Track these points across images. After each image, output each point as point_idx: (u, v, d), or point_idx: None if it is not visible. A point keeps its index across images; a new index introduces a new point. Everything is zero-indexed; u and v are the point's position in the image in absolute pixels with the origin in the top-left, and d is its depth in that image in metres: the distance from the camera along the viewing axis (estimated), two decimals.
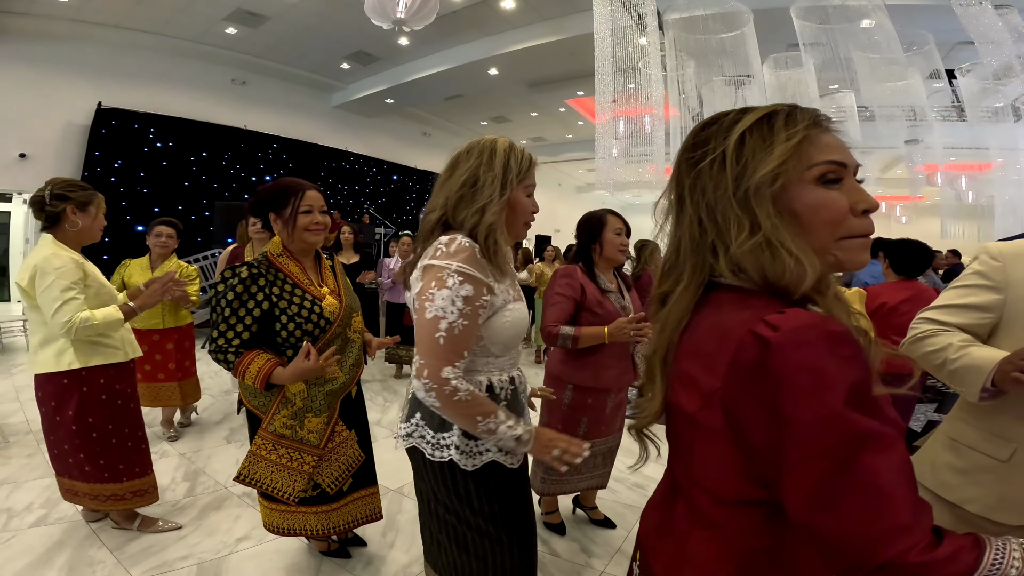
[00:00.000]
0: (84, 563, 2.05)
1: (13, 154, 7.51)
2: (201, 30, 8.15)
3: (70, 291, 1.98)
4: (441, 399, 1.10)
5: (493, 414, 1.13)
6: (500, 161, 1.21)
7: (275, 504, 1.88)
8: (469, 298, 1.12)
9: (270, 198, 1.84)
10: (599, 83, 5.93)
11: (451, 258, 1.12)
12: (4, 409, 3.81)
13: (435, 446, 1.22)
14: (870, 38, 5.55)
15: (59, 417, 2.10)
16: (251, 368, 1.68)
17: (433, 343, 1.10)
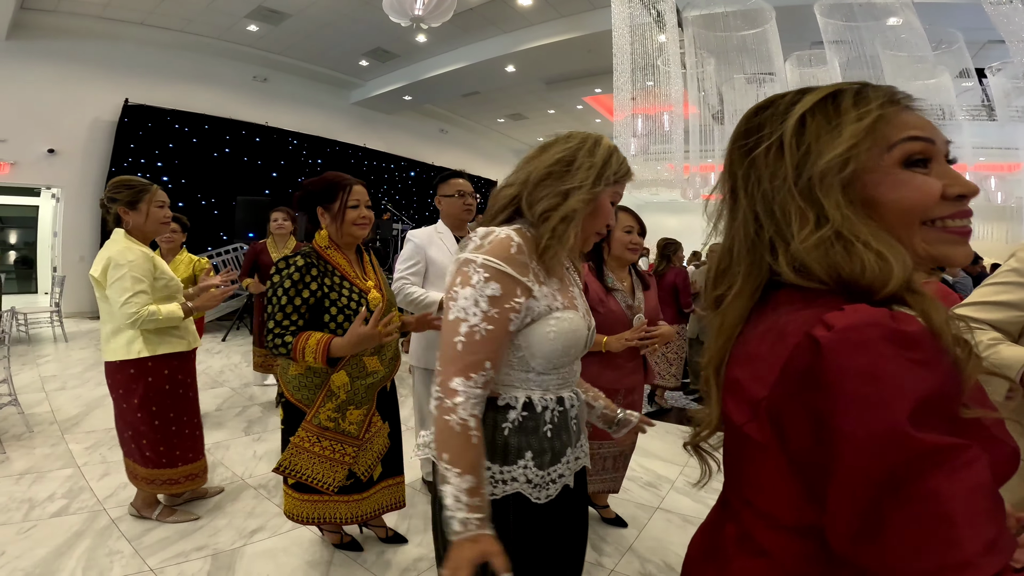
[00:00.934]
0: (103, 553, 2.10)
1: (42, 150, 7.71)
2: (224, 27, 8.27)
3: (139, 284, 2.11)
4: (438, 410, 0.94)
5: (463, 468, 0.91)
6: (603, 153, 1.06)
7: (307, 495, 1.91)
8: (496, 299, 0.94)
9: (318, 192, 1.88)
10: (617, 80, 5.88)
11: (480, 250, 0.97)
12: (29, 399, 3.91)
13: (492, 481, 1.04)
14: (897, 36, 5.42)
15: (126, 404, 2.22)
16: (309, 343, 1.70)
17: (451, 348, 0.95)
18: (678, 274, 4.41)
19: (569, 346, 1.04)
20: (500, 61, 8.81)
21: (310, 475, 1.85)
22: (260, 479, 2.85)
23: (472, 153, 14.66)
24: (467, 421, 0.93)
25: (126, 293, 2.07)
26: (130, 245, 2.16)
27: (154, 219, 2.26)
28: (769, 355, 0.58)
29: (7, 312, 3.43)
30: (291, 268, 1.75)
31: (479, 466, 0.94)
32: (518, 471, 1.02)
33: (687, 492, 2.98)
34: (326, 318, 1.80)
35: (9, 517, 2.32)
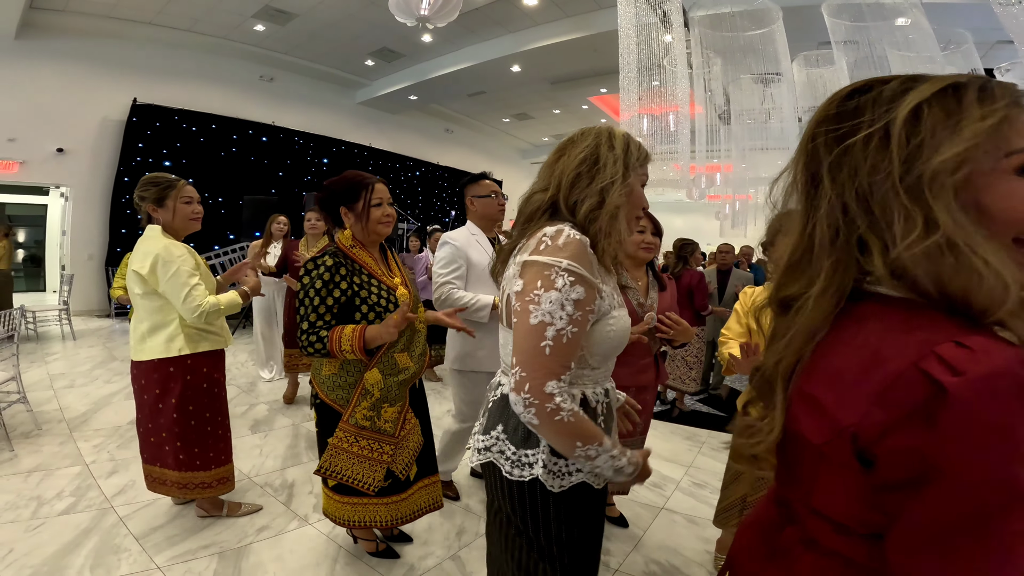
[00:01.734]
0: (110, 551, 2.11)
1: (51, 148, 7.76)
2: (231, 27, 8.31)
3: (194, 277, 2.10)
4: (542, 417, 0.95)
5: (597, 440, 0.98)
6: (621, 143, 1.09)
7: (347, 497, 1.91)
8: (580, 302, 0.97)
9: (341, 192, 1.88)
10: (623, 80, 5.86)
11: (559, 253, 0.97)
12: (38, 397, 3.94)
13: (515, 463, 1.08)
14: (906, 36, 5.37)
15: (162, 404, 2.18)
16: (345, 334, 1.72)
17: (538, 353, 0.95)
18: (693, 275, 4.33)
19: (622, 341, 1.11)
20: (506, 61, 8.80)
21: (350, 475, 1.86)
22: (266, 477, 2.86)
23: (478, 153, 14.67)
24: (574, 410, 0.97)
25: (185, 288, 2.06)
26: (172, 241, 2.14)
27: (182, 215, 2.22)
28: (860, 379, 0.54)
29: (16, 310, 3.45)
30: (320, 268, 1.76)
31: (601, 431, 1.02)
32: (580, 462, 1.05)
33: (692, 493, 2.98)
34: (357, 316, 1.81)
35: (18, 514, 2.34)
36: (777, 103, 7.12)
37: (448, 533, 2.41)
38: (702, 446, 3.73)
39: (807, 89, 6.93)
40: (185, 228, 2.26)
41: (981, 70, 5.78)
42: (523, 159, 16.42)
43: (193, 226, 2.28)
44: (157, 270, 2.06)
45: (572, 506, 1.09)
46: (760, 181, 8.50)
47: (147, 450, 2.28)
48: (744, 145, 7.81)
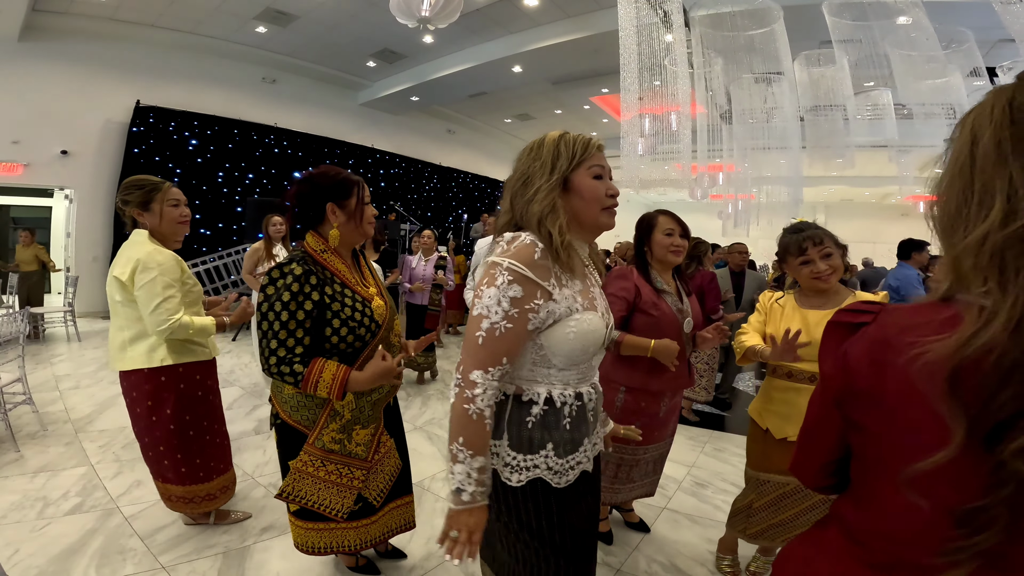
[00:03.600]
0: (115, 551, 2.13)
1: (55, 150, 7.80)
2: (233, 29, 8.33)
3: (170, 289, 1.99)
4: (456, 399, 1.05)
5: (474, 450, 1.03)
6: (548, 148, 1.15)
7: (311, 523, 1.77)
8: (516, 300, 1.03)
9: (329, 187, 1.67)
10: (624, 80, 5.86)
11: (506, 254, 1.07)
12: (44, 398, 3.97)
13: (513, 469, 1.14)
14: (907, 35, 5.37)
15: (155, 417, 2.09)
16: (324, 377, 1.54)
17: (472, 342, 1.05)
18: (705, 276, 4.20)
19: (588, 345, 1.13)
20: (507, 62, 8.80)
21: (315, 501, 1.70)
22: (270, 478, 2.88)
23: (479, 153, 14.68)
24: (483, 411, 1.04)
25: (157, 299, 1.95)
26: (157, 247, 2.05)
27: (169, 219, 2.13)
28: None
29: (21, 312, 3.47)
30: (288, 278, 1.54)
31: (488, 448, 1.07)
32: (540, 459, 1.12)
33: (694, 492, 2.98)
34: (328, 331, 1.60)
35: (24, 515, 2.36)
36: (779, 102, 7.11)
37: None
38: (704, 446, 3.74)
39: (809, 88, 6.92)
40: (173, 232, 2.16)
41: (983, 68, 5.77)
42: None
43: (181, 229, 2.19)
44: (136, 276, 1.97)
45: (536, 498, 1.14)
46: (762, 180, 8.50)
47: (150, 464, 2.22)
48: (746, 144, 7.82)
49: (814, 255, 1.85)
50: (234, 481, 2.38)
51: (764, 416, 1.96)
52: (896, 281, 4.04)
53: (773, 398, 1.94)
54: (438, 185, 13.41)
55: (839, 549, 0.69)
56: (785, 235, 1.97)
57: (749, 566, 2.23)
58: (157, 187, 2.12)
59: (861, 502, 0.69)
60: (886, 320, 0.64)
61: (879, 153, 8.65)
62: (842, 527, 0.71)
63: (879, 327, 0.64)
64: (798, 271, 1.91)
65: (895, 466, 0.59)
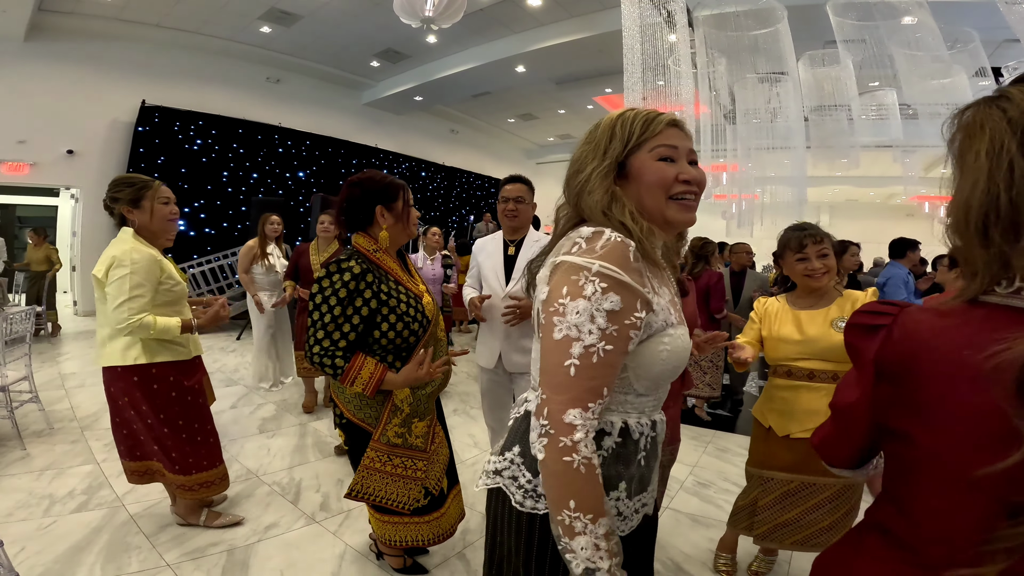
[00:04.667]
0: (121, 549, 2.15)
1: (61, 150, 7.85)
2: (237, 29, 8.36)
3: (139, 288, 1.98)
4: (551, 451, 0.78)
5: (595, 514, 0.77)
6: (603, 130, 0.96)
7: (388, 516, 1.83)
8: (615, 314, 0.80)
9: (379, 191, 1.75)
10: (628, 80, 5.86)
11: (592, 255, 0.82)
12: (50, 396, 4.00)
13: (528, 493, 0.92)
14: (912, 35, 5.35)
15: (134, 411, 2.12)
16: (362, 374, 1.61)
17: (561, 373, 0.80)
18: (711, 276, 4.12)
19: (678, 366, 0.94)
20: (510, 61, 8.81)
21: (384, 496, 1.76)
22: (274, 476, 2.89)
23: (483, 153, 14.69)
24: (591, 459, 0.78)
25: (121, 296, 1.95)
26: (137, 246, 2.04)
27: (160, 216, 2.13)
28: None
29: (28, 310, 3.50)
30: (346, 275, 1.59)
31: (605, 505, 0.80)
32: (609, 504, 0.89)
33: (696, 492, 2.98)
34: (384, 327, 1.66)
35: (30, 513, 2.38)
36: (783, 102, 7.10)
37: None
38: (707, 446, 3.74)
39: (814, 88, 6.90)
40: (163, 229, 2.16)
41: (988, 68, 5.74)
42: (528, 159, 16.43)
43: (171, 227, 2.19)
44: (110, 272, 1.99)
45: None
46: (766, 180, 8.48)
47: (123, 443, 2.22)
48: (750, 144, 7.80)
49: (811, 253, 1.89)
50: (222, 476, 2.33)
51: (766, 415, 1.99)
52: (883, 279, 4.05)
53: (774, 396, 1.97)
54: (442, 185, 13.43)
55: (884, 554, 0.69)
56: (786, 232, 2.01)
57: (751, 565, 2.23)
58: (148, 184, 2.13)
59: (903, 507, 0.68)
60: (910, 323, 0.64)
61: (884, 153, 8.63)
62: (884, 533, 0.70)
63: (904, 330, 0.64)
64: (793, 267, 1.95)
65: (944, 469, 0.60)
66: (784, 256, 1.99)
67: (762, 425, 2.02)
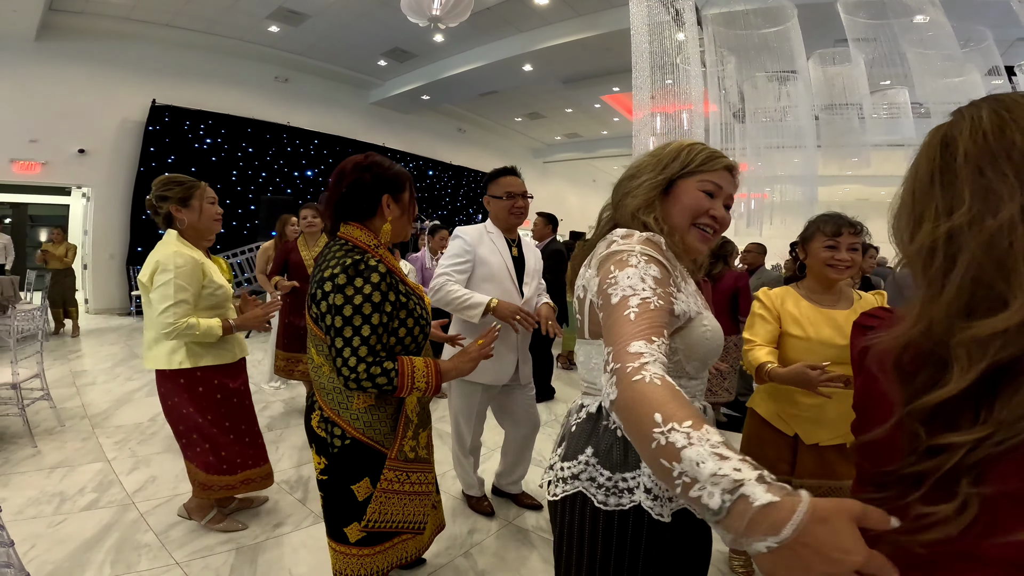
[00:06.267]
0: (131, 546, 2.16)
1: (72, 149, 7.93)
2: (246, 28, 8.41)
3: (183, 292, 2.01)
4: (621, 382, 0.70)
5: (689, 419, 0.60)
6: (670, 150, 1.08)
7: (380, 546, 1.58)
8: (659, 279, 0.88)
9: (388, 179, 1.54)
10: (636, 79, 5.84)
11: (631, 242, 0.94)
12: (61, 394, 4.04)
13: (610, 491, 0.93)
14: (924, 34, 5.29)
15: (185, 410, 2.17)
16: (417, 373, 1.44)
17: (623, 323, 0.81)
18: (739, 277, 3.90)
19: (718, 347, 1.03)
20: (517, 60, 8.81)
21: (402, 519, 1.56)
22: (282, 475, 2.90)
23: (490, 152, 14.69)
24: (664, 376, 0.69)
25: (166, 301, 1.98)
26: (181, 249, 2.05)
27: (208, 216, 2.16)
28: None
29: (38, 309, 3.53)
30: (373, 277, 1.38)
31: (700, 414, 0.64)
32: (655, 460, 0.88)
33: None
34: (402, 332, 1.48)
35: (40, 510, 2.40)
36: (793, 101, 7.04)
37: (459, 531, 2.43)
38: None
39: (825, 87, 6.84)
40: (209, 229, 2.19)
41: (1001, 67, 5.67)
42: (535, 158, 16.41)
43: (216, 227, 2.23)
44: (154, 277, 2.01)
45: (680, 537, 0.94)
46: (776, 179, 8.42)
47: (184, 450, 2.26)
48: (759, 143, 7.74)
49: (844, 242, 1.76)
50: (267, 474, 2.39)
51: (789, 422, 1.83)
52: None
53: (799, 403, 1.79)
54: (449, 184, 13.44)
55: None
56: (822, 215, 1.86)
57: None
58: (196, 184, 2.15)
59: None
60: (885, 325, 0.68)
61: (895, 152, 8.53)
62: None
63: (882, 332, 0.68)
64: (818, 253, 1.79)
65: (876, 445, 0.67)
66: (813, 239, 1.82)
67: (783, 433, 1.84)
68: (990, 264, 0.54)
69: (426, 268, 4.91)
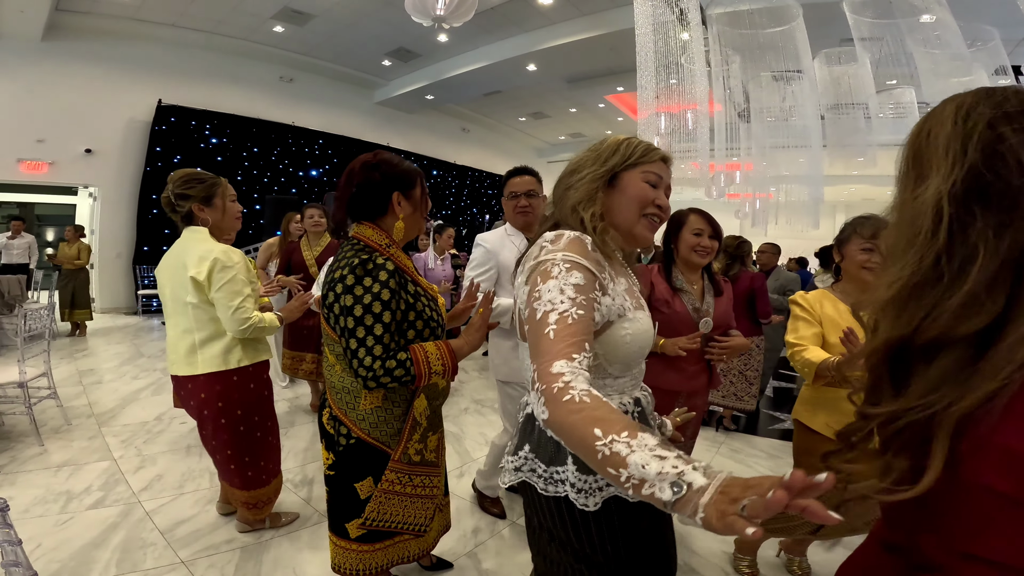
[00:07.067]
0: (136, 545, 2.18)
1: (79, 149, 7.97)
2: (251, 28, 8.44)
3: (247, 288, 1.97)
4: (551, 405, 0.76)
5: (625, 430, 0.67)
6: (608, 145, 1.11)
7: (379, 543, 1.60)
8: (580, 287, 0.92)
9: (398, 176, 1.52)
10: (640, 79, 5.82)
11: (556, 251, 0.97)
12: (68, 392, 4.06)
13: (548, 480, 1.04)
14: (931, 33, 5.25)
15: (224, 420, 2.04)
16: (431, 357, 1.42)
17: (544, 342, 0.86)
18: (755, 278, 3.81)
19: (644, 346, 1.07)
20: (521, 60, 8.81)
21: (401, 520, 1.57)
22: (286, 473, 2.91)
23: (494, 152, 14.70)
24: (589, 390, 0.76)
25: (237, 298, 1.92)
26: (225, 246, 1.99)
27: (231, 214, 2.11)
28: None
29: (45, 308, 3.55)
30: (382, 274, 1.38)
31: (632, 421, 0.71)
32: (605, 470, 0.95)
33: None
34: (411, 334, 1.47)
35: (47, 509, 2.42)
36: (798, 100, 7.01)
37: (464, 531, 2.43)
38: (720, 447, 3.71)
39: (831, 86, 6.81)
40: (231, 228, 2.14)
41: (1008, 67, 5.63)
42: (539, 158, 16.40)
43: (238, 225, 2.18)
44: (213, 275, 1.92)
45: (611, 520, 1.03)
46: (781, 179, 8.39)
47: (218, 466, 2.19)
48: (764, 143, 7.72)
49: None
50: (281, 482, 2.37)
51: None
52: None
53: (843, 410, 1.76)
54: (453, 183, 13.45)
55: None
56: (859, 217, 1.82)
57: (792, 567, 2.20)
58: (218, 181, 2.08)
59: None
60: None
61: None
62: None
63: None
64: (854, 256, 1.76)
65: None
66: (849, 241, 1.79)
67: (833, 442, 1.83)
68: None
69: (428, 268, 4.89)
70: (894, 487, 0.58)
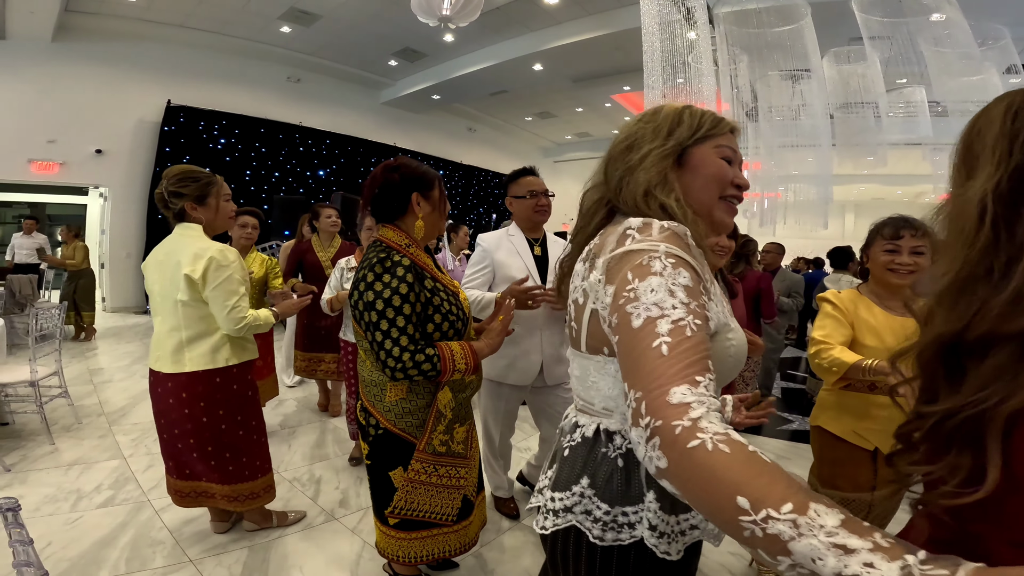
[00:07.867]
0: (145, 544, 2.20)
1: (89, 150, 8.04)
2: (258, 29, 8.48)
3: (241, 286, 1.98)
4: (671, 450, 0.57)
5: (786, 500, 0.49)
6: (667, 115, 0.92)
7: (415, 532, 1.67)
8: (691, 289, 0.70)
9: (417, 178, 1.62)
10: (647, 78, 5.80)
11: (652, 240, 0.75)
12: (78, 391, 4.10)
13: (607, 526, 0.83)
14: (940, 32, 5.20)
15: (206, 418, 2.02)
16: (456, 355, 1.51)
17: (651, 358, 0.64)
18: (762, 279, 3.77)
19: (742, 360, 0.90)
20: (528, 60, 8.80)
21: (428, 509, 1.64)
22: (294, 472, 2.93)
23: (500, 151, 14.69)
24: (727, 433, 0.56)
25: (233, 297, 1.93)
26: (221, 245, 1.98)
27: (224, 213, 2.09)
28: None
29: (57, 308, 3.59)
30: (399, 269, 1.47)
31: (797, 483, 0.52)
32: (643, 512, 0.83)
33: None
34: (429, 327, 1.54)
35: (57, 507, 2.44)
36: (807, 100, 6.96)
37: None
38: None
39: (840, 85, 6.75)
40: (224, 228, 2.14)
41: (1019, 65, 5.57)
42: (546, 157, 16.38)
43: (231, 225, 2.16)
44: (209, 274, 1.91)
45: (685, 571, 0.87)
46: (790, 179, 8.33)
47: (188, 466, 2.11)
48: (773, 142, 7.67)
49: (905, 245, 1.67)
50: (273, 481, 2.32)
51: (867, 436, 1.71)
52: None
53: (877, 417, 1.68)
54: (460, 183, 13.46)
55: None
56: (887, 217, 1.79)
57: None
58: (212, 180, 2.07)
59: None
60: None
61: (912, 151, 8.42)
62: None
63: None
64: (878, 257, 1.73)
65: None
66: (873, 243, 1.77)
67: (860, 448, 1.72)
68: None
69: (448, 270, 4.86)
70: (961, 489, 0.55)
